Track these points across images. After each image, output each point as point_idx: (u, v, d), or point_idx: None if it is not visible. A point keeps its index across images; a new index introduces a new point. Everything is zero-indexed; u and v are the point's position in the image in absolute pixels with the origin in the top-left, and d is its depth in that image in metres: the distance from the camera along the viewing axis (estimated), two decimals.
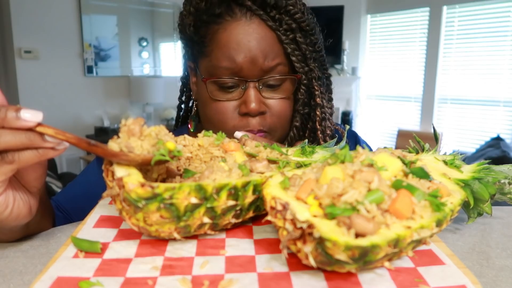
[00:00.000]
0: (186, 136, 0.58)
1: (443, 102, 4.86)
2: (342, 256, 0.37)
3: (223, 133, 0.60)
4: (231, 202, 0.48)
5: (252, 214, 0.53)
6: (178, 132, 0.78)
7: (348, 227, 0.39)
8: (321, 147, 0.68)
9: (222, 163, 0.52)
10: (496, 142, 3.78)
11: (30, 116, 0.43)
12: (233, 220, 0.50)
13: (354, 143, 0.98)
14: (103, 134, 4.35)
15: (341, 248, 0.37)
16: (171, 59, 5.34)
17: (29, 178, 0.52)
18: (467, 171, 0.61)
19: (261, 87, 0.78)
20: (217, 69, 0.77)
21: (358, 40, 5.30)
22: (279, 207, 0.42)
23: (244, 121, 0.79)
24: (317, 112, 0.82)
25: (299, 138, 0.86)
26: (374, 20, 5.33)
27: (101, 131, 4.46)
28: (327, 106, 0.85)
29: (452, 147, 4.72)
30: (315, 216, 0.41)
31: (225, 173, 0.49)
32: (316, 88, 0.81)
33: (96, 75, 4.66)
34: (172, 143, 0.47)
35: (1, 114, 0.43)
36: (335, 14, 5.11)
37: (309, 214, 0.41)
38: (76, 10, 4.41)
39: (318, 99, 0.82)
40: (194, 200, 0.44)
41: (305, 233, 0.39)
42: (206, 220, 0.46)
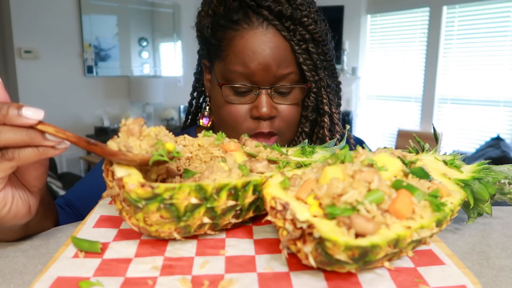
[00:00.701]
0: (186, 136, 0.58)
1: (443, 102, 4.86)
2: (342, 256, 0.37)
3: (223, 134, 0.60)
4: (231, 202, 0.48)
5: (252, 214, 0.53)
6: (186, 133, 0.80)
7: (348, 227, 0.39)
8: (321, 147, 0.68)
9: (222, 163, 0.52)
10: (496, 142, 3.79)
11: (32, 114, 0.43)
12: (233, 220, 0.50)
13: None
14: (103, 134, 4.35)
15: (341, 248, 0.37)
16: (171, 59, 5.33)
17: (30, 177, 0.52)
18: (467, 171, 0.61)
19: (273, 94, 0.82)
20: (232, 74, 0.80)
21: (358, 40, 5.30)
22: (279, 207, 0.42)
23: (256, 124, 0.84)
24: (325, 119, 0.86)
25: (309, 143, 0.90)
26: (374, 20, 5.33)
27: (101, 131, 4.46)
28: (335, 112, 0.89)
29: (452, 147, 4.72)
30: (315, 216, 0.41)
31: (225, 173, 0.49)
32: (324, 96, 0.85)
33: (96, 75, 4.66)
34: (171, 144, 0.47)
35: (3, 111, 0.43)
36: (335, 14, 5.11)
37: (309, 214, 0.41)
38: (76, 10, 4.41)
39: (326, 107, 0.86)
40: (194, 200, 0.44)
41: (305, 233, 0.39)
42: (206, 220, 0.46)
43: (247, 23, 0.78)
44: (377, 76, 5.41)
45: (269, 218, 0.43)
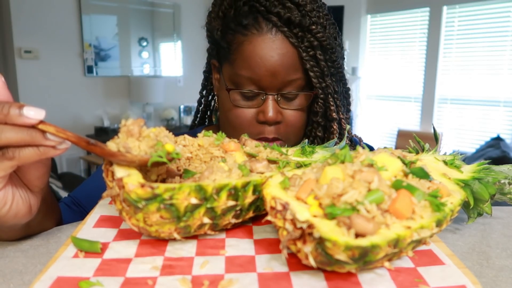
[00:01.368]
0: (186, 136, 0.58)
1: (443, 102, 4.86)
2: (342, 256, 0.37)
3: (223, 134, 0.60)
4: (231, 202, 0.48)
5: (252, 214, 0.53)
6: (193, 133, 0.81)
7: (348, 227, 0.39)
8: (321, 147, 0.68)
9: (222, 163, 0.52)
10: (496, 142, 3.79)
11: (34, 114, 0.43)
12: (233, 220, 0.50)
13: None
14: (103, 134, 4.35)
15: (341, 248, 0.37)
16: (171, 59, 5.33)
17: (31, 177, 0.52)
18: (467, 171, 0.61)
19: (279, 99, 0.83)
20: (239, 78, 0.82)
21: (358, 40, 5.30)
22: (279, 207, 0.42)
23: (261, 128, 0.84)
24: (334, 126, 0.87)
25: None
26: (374, 20, 5.33)
27: (101, 131, 4.46)
28: (344, 118, 0.89)
29: (452, 147, 4.72)
30: (315, 216, 0.41)
31: (225, 173, 0.49)
32: (332, 103, 0.86)
33: (96, 75, 4.66)
34: (171, 145, 0.47)
35: (4, 110, 0.43)
36: (335, 14, 5.00)
37: (309, 214, 0.41)
38: (76, 10, 4.41)
39: (334, 114, 0.86)
40: (194, 201, 0.44)
41: (305, 233, 0.39)
42: (206, 220, 0.46)
43: (256, 29, 0.79)
44: (377, 76, 5.41)
45: (269, 218, 0.43)
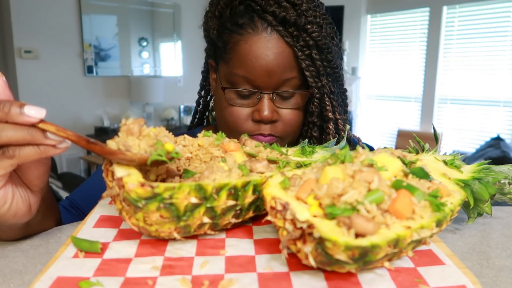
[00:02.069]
0: (186, 136, 0.58)
1: (443, 102, 4.86)
2: (342, 256, 0.37)
3: (223, 134, 0.60)
4: (231, 202, 0.48)
5: (252, 214, 0.53)
6: (192, 134, 0.81)
7: (348, 227, 0.39)
8: (321, 147, 0.68)
9: (222, 163, 0.52)
10: (496, 142, 3.79)
11: (34, 113, 0.43)
12: (233, 220, 0.50)
13: None
14: (103, 134, 4.35)
15: (341, 248, 0.37)
16: (171, 59, 5.33)
17: (31, 176, 0.52)
18: (467, 171, 0.61)
19: (274, 98, 0.83)
20: (235, 77, 0.82)
21: (358, 40, 5.30)
22: (279, 207, 0.42)
23: (256, 126, 0.84)
24: (330, 126, 0.87)
25: None
26: (374, 20, 5.33)
27: (101, 131, 4.46)
28: (340, 118, 0.89)
29: (452, 147, 4.72)
30: (315, 216, 0.41)
31: (225, 173, 0.49)
32: (328, 103, 0.85)
33: (96, 75, 4.66)
34: (171, 145, 0.47)
35: (5, 109, 0.43)
36: (335, 14, 5.07)
37: (309, 214, 0.41)
38: (76, 10, 4.41)
39: (330, 114, 0.86)
40: (194, 200, 0.44)
41: (305, 233, 0.39)
42: (206, 220, 0.46)
43: (252, 28, 0.79)
44: (377, 76, 5.41)
45: (269, 218, 0.43)
